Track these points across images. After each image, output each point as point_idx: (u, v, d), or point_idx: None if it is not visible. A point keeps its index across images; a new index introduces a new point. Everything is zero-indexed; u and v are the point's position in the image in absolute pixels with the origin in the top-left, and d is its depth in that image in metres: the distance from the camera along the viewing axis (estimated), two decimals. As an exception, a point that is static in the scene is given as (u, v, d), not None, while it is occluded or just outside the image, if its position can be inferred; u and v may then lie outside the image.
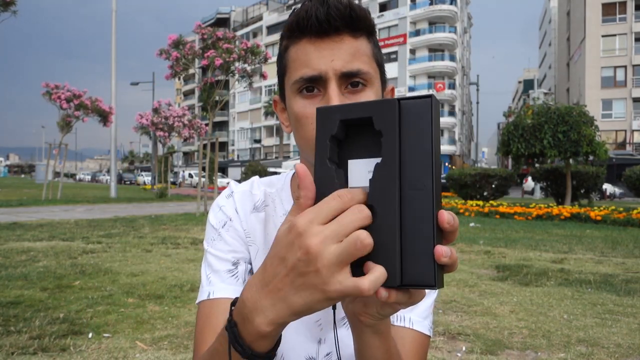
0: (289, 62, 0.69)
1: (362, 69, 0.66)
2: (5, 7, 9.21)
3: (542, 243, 7.40)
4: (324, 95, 0.66)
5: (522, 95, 71.21)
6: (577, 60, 42.60)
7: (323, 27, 0.64)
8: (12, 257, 5.44)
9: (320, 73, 0.65)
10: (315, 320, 0.77)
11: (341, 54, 0.65)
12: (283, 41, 0.71)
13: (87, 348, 2.79)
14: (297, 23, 0.66)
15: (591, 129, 13.87)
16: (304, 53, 0.66)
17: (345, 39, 0.66)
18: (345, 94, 0.67)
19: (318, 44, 0.66)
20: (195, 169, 40.22)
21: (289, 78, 0.69)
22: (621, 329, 3.29)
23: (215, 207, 0.82)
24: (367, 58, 0.68)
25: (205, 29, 11.42)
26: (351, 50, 0.66)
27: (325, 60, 0.65)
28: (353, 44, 0.66)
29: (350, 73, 0.66)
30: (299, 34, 0.67)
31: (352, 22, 0.65)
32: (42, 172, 24.89)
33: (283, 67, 0.71)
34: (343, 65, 0.65)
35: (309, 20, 0.65)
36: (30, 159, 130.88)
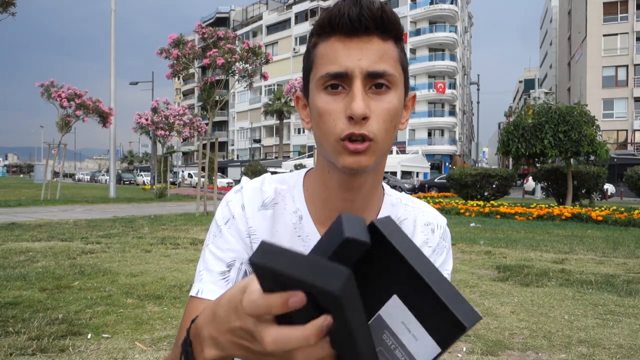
0: (316, 58, 0.70)
1: (388, 70, 0.67)
2: (5, 7, 9.21)
3: (543, 243, 7.39)
4: (348, 92, 0.67)
5: (523, 94, 71.18)
6: (578, 59, 42.58)
7: (354, 26, 0.65)
8: (10, 257, 5.43)
9: (346, 70, 0.66)
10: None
11: (369, 54, 0.66)
12: (312, 38, 0.72)
13: (86, 349, 2.78)
14: (329, 20, 0.67)
15: (592, 128, 13.84)
16: (332, 50, 0.67)
17: (374, 40, 0.67)
18: (369, 94, 0.67)
19: (347, 43, 0.67)
20: (195, 169, 40.21)
21: (314, 74, 0.70)
22: (622, 330, 3.27)
23: (224, 201, 0.83)
24: (393, 61, 0.68)
25: (205, 29, 11.42)
26: (379, 52, 0.67)
27: (352, 59, 0.66)
28: (381, 46, 0.67)
29: (376, 73, 0.66)
30: (330, 31, 0.68)
31: (382, 24, 0.66)
32: (41, 172, 24.89)
33: (310, 63, 0.72)
34: (370, 65, 0.66)
35: (340, 19, 0.66)
36: (29, 158, 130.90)
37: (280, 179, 0.84)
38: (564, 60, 50.09)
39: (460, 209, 12.90)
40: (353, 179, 0.72)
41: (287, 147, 54.46)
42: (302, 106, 0.78)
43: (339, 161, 0.68)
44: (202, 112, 34.30)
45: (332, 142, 0.68)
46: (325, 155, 0.73)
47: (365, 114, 0.65)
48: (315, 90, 0.70)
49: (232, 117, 64.80)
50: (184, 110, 22.11)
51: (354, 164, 0.67)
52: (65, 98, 15.22)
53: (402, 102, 0.71)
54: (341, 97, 0.67)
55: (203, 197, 11.81)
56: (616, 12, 38.62)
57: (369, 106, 0.66)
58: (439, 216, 0.87)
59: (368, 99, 0.67)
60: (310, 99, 0.72)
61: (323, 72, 0.68)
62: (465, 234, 8.38)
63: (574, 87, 43.93)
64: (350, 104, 0.65)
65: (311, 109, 0.73)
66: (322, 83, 0.68)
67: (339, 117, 0.67)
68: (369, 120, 0.66)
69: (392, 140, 0.71)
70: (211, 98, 11.98)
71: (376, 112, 0.67)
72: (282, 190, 0.82)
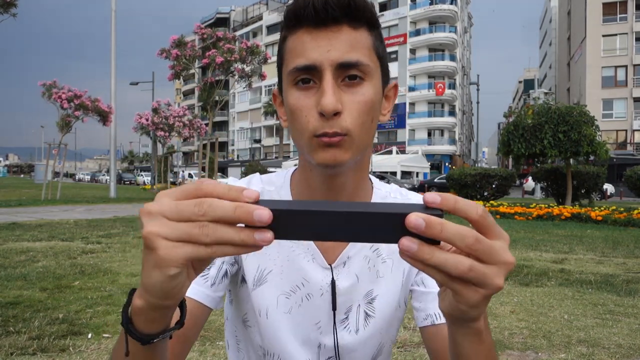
0: (285, 52, 0.67)
1: (361, 60, 0.63)
2: (6, 8, 9.22)
3: (543, 243, 7.39)
4: (319, 87, 0.63)
5: (523, 95, 71.20)
6: (577, 59, 42.59)
7: (320, 16, 0.62)
8: (11, 257, 5.43)
9: (314, 63, 0.62)
10: (315, 323, 0.76)
11: (338, 44, 0.62)
12: (282, 32, 0.69)
13: (86, 348, 2.79)
14: (295, 12, 0.64)
15: (592, 128, 13.84)
16: (300, 43, 0.64)
17: (343, 29, 0.63)
18: (342, 86, 0.64)
19: (315, 34, 0.63)
20: (195, 169, 40.20)
21: (285, 69, 0.67)
22: (622, 330, 3.28)
23: None
24: (366, 50, 0.64)
25: (205, 30, 11.45)
26: (349, 41, 0.63)
27: (321, 50, 0.62)
28: (352, 35, 0.63)
29: (348, 64, 0.62)
30: (297, 23, 0.64)
31: (351, 11, 0.62)
32: (42, 172, 24.88)
33: (281, 58, 0.69)
34: (340, 55, 0.62)
35: (306, 9, 0.62)
36: (29, 158, 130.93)
37: (267, 179, 0.83)
38: (564, 61, 50.10)
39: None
40: (334, 178, 0.70)
41: (287, 147, 54.47)
42: (279, 104, 0.75)
43: (314, 158, 0.65)
44: (202, 112, 34.31)
45: (306, 139, 0.65)
46: (302, 153, 0.71)
47: (336, 109, 0.61)
48: (287, 86, 0.66)
49: (232, 117, 64.80)
50: (184, 112, 22.11)
51: (329, 159, 0.64)
52: (66, 99, 15.23)
53: (379, 93, 0.67)
54: (312, 92, 0.64)
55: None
56: (615, 13, 38.63)
57: (341, 100, 0.62)
58: None
59: (340, 92, 0.63)
60: (284, 95, 0.69)
61: (291, 66, 0.64)
62: (465, 234, 8.38)
63: (574, 88, 43.95)
64: (320, 98, 0.62)
65: (285, 106, 0.69)
66: (293, 78, 0.65)
67: (310, 113, 0.63)
68: (342, 115, 0.62)
69: (371, 134, 0.68)
70: (211, 98, 12.01)
71: (349, 105, 0.63)
72: (269, 192, 0.79)
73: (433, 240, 0.39)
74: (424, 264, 0.40)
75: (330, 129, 0.62)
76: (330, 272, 0.75)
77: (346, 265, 0.76)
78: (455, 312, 0.46)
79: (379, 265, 0.78)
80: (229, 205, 0.39)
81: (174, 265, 0.40)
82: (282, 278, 0.76)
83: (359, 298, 0.76)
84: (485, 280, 0.40)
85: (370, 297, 0.77)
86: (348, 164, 0.65)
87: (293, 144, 11.63)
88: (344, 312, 0.76)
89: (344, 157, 0.64)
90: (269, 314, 0.75)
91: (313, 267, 0.75)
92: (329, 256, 0.76)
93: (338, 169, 0.66)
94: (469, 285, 0.41)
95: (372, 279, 0.77)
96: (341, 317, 0.76)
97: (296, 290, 0.75)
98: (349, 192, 0.72)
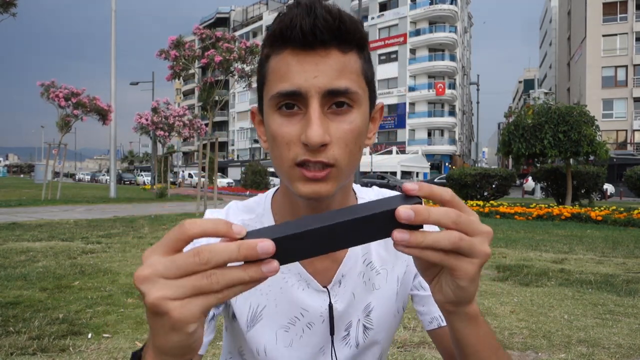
0: (268, 73, 0.62)
1: (350, 87, 0.59)
2: (6, 7, 9.22)
3: (543, 243, 7.39)
4: (305, 114, 0.59)
5: (523, 95, 71.20)
6: (577, 59, 42.59)
7: (308, 39, 0.57)
8: (11, 257, 5.43)
9: (299, 89, 0.58)
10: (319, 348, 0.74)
11: (326, 69, 0.58)
12: (264, 49, 0.63)
13: (86, 348, 2.79)
14: (281, 32, 0.59)
15: (592, 128, 13.84)
16: (285, 65, 0.59)
17: (332, 53, 0.59)
18: (329, 114, 0.59)
19: (301, 57, 0.58)
20: (195, 169, 40.19)
21: (267, 91, 0.62)
22: (622, 330, 3.28)
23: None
24: (355, 76, 0.61)
25: (204, 30, 11.45)
26: (338, 66, 0.59)
27: (307, 76, 0.58)
28: (341, 60, 0.59)
29: (337, 91, 0.58)
30: (282, 43, 0.60)
31: (340, 35, 0.58)
32: (42, 172, 24.88)
33: (262, 77, 0.64)
34: (327, 82, 0.58)
35: (292, 31, 0.57)
36: (29, 158, 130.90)
37: (246, 207, 0.78)
38: (564, 61, 50.10)
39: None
40: (319, 203, 0.65)
41: (287, 147, 54.42)
42: (259, 122, 0.70)
43: (295, 189, 0.61)
44: (202, 112, 34.30)
45: (287, 167, 0.61)
46: (283, 180, 0.66)
47: (323, 141, 0.57)
48: (269, 110, 0.62)
49: (232, 117, 64.80)
50: (184, 111, 22.10)
51: (312, 193, 0.60)
52: (63, 98, 15.23)
53: (367, 119, 0.64)
54: (297, 119, 0.59)
55: (203, 197, 11.81)
56: (615, 13, 38.62)
57: (328, 130, 0.58)
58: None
59: (327, 121, 0.59)
60: (265, 118, 0.64)
61: (274, 90, 0.60)
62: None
63: (574, 88, 43.94)
64: (305, 128, 0.57)
65: (266, 129, 0.65)
66: (275, 103, 0.60)
67: (293, 141, 0.59)
68: (329, 146, 0.58)
69: (357, 162, 0.64)
70: (211, 98, 12.00)
71: (337, 135, 0.59)
72: (250, 221, 0.75)
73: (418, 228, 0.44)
74: (420, 247, 0.43)
75: (315, 158, 0.58)
76: (327, 295, 0.73)
77: (342, 285, 0.74)
78: (452, 296, 0.49)
79: (374, 277, 0.76)
80: (232, 246, 0.38)
81: (191, 322, 0.39)
82: (277, 312, 0.72)
83: (358, 313, 0.75)
84: (475, 248, 0.45)
85: (368, 310, 0.75)
86: (333, 194, 0.62)
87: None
88: (344, 329, 0.75)
89: (329, 190, 0.61)
90: (268, 351, 0.72)
91: (309, 294, 0.72)
92: (323, 278, 0.73)
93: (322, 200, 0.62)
94: (463, 258, 0.45)
95: (369, 292, 0.75)
96: (342, 335, 0.74)
97: (295, 321, 0.72)
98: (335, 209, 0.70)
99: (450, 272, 0.47)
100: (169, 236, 0.40)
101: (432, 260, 0.45)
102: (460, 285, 0.47)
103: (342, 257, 0.73)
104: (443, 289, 0.50)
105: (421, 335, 3.10)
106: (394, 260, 0.78)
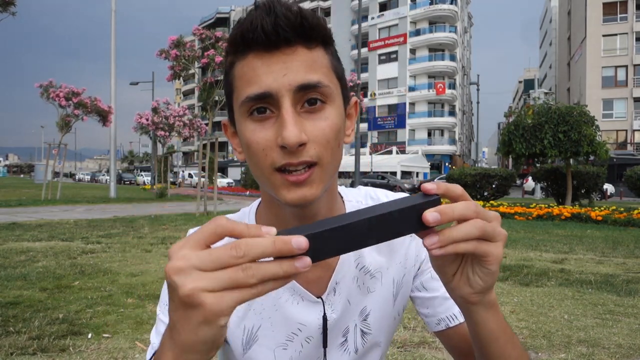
0: (235, 80, 0.60)
1: (322, 81, 0.57)
2: (5, 7, 9.22)
3: (543, 243, 7.39)
4: (278, 116, 0.57)
5: (523, 95, 71.19)
6: (577, 59, 42.59)
7: (271, 39, 0.55)
8: (11, 257, 5.44)
9: (270, 90, 0.56)
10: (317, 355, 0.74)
11: (294, 66, 0.56)
12: (228, 57, 0.61)
13: (86, 348, 2.79)
14: (242, 36, 0.57)
15: (592, 128, 13.84)
16: (251, 69, 0.57)
17: (298, 50, 0.57)
18: (302, 113, 0.57)
19: (267, 59, 0.56)
20: (195, 169, 40.20)
21: (236, 99, 0.60)
22: (622, 330, 3.28)
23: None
24: (325, 69, 0.59)
25: (203, 31, 11.46)
26: (306, 62, 0.57)
27: (275, 75, 0.56)
28: (308, 55, 0.57)
29: (308, 85, 0.56)
30: (245, 48, 0.57)
31: (304, 31, 0.56)
32: (42, 172, 24.89)
33: (229, 86, 0.62)
34: (297, 78, 0.56)
35: (254, 33, 0.55)
36: (29, 159, 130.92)
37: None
38: (564, 61, 50.11)
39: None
40: (305, 210, 0.64)
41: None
42: (232, 134, 0.67)
43: (279, 196, 0.59)
44: (202, 112, 34.31)
45: (267, 175, 0.59)
46: (264, 188, 0.64)
47: (300, 140, 0.55)
48: (240, 118, 0.60)
49: (232, 117, 64.79)
50: (184, 111, 22.11)
51: (299, 199, 0.58)
52: (64, 97, 15.24)
53: (342, 115, 0.62)
54: (270, 123, 0.57)
55: (203, 197, 11.82)
56: (616, 13, 38.63)
57: (304, 129, 0.56)
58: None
59: (301, 120, 0.57)
60: (237, 127, 0.62)
61: (244, 95, 0.57)
62: (465, 234, 8.38)
63: (574, 87, 43.95)
64: (280, 130, 0.55)
65: (240, 139, 0.62)
66: (246, 109, 0.58)
67: (270, 146, 0.57)
68: (307, 145, 0.56)
69: (339, 159, 0.62)
70: (211, 98, 12.01)
71: (314, 133, 0.57)
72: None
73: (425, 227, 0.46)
74: (455, 242, 0.46)
75: (296, 159, 0.56)
76: (321, 306, 0.72)
77: (337, 292, 0.72)
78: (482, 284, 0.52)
79: (368, 281, 0.75)
80: (267, 241, 0.39)
81: (224, 315, 0.39)
82: (274, 330, 0.70)
83: (354, 318, 0.74)
84: (497, 232, 0.49)
85: (365, 314, 0.74)
86: (319, 196, 0.60)
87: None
88: (342, 335, 0.74)
89: (315, 193, 0.59)
90: None
91: (304, 308, 0.71)
92: (317, 287, 0.72)
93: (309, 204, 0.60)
94: (489, 243, 0.49)
95: (364, 295, 0.74)
96: (340, 342, 0.74)
97: (293, 338, 0.71)
98: (322, 215, 0.67)
99: (481, 260, 0.50)
100: (203, 231, 0.41)
101: (466, 251, 0.48)
102: (491, 270, 0.51)
103: (335, 264, 0.72)
104: (470, 279, 0.52)
105: (421, 335, 3.10)
106: (388, 263, 0.76)
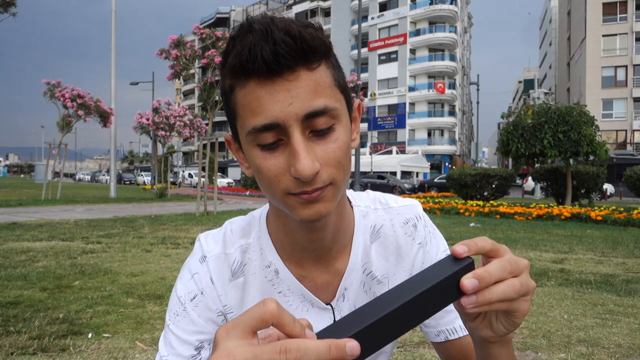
0: (237, 107, 0.58)
1: (328, 105, 0.56)
2: (6, 7, 9.23)
3: (543, 243, 7.40)
4: (287, 143, 0.56)
5: (523, 95, 71.17)
6: (577, 60, 42.60)
7: (272, 68, 0.53)
8: (11, 257, 5.44)
9: (277, 121, 0.54)
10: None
11: (299, 93, 0.54)
12: (226, 79, 0.59)
13: (86, 348, 2.79)
14: (241, 65, 0.55)
15: (592, 128, 13.85)
16: (254, 98, 0.55)
17: (300, 74, 0.55)
18: (312, 138, 0.57)
19: (269, 86, 0.54)
20: (195, 169, 40.23)
21: (241, 125, 0.59)
22: (622, 329, 3.28)
23: (187, 273, 0.71)
24: (329, 90, 0.57)
25: (203, 30, 11.46)
26: (310, 86, 0.55)
27: (281, 105, 0.54)
28: (311, 78, 0.55)
29: (315, 112, 0.55)
30: (245, 75, 0.55)
31: (305, 55, 0.54)
32: (42, 172, 24.91)
33: (232, 110, 0.60)
34: (304, 107, 0.55)
35: (254, 63, 0.53)
36: (29, 158, 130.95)
37: (242, 230, 0.74)
38: (564, 61, 50.11)
39: (459, 209, 12.91)
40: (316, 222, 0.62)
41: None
42: (236, 149, 0.66)
43: (294, 215, 0.59)
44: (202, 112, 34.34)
45: (279, 197, 0.58)
46: (273, 204, 0.64)
47: (314, 171, 0.54)
48: (248, 145, 0.58)
49: (232, 117, 64.80)
50: (184, 111, 22.12)
51: (314, 215, 0.58)
52: (69, 98, 15.27)
53: (349, 127, 0.61)
54: (280, 150, 0.57)
55: (203, 197, 11.82)
56: (615, 13, 38.64)
57: (315, 155, 0.56)
58: (412, 206, 0.79)
59: (312, 145, 0.56)
60: (244, 149, 0.61)
61: (250, 126, 0.56)
62: (464, 234, 8.38)
63: (574, 88, 43.95)
64: (293, 161, 0.55)
65: (247, 159, 0.61)
66: (253, 139, 0.57)
67: (282, 174, 0.57)
68: (320, 171, 0.56)
69: (349, 170, 0.61)
70: (211, 98, 12.01)
71: (325, 157, 0.56)
72: (247, 247, 0.72)
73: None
74: (490, 303, 0.46)
75: (310, 187, 0.56)
76: (331, 313, 0.72)
77: (345, 298, 0.73)
78: (504, 331, 0.53)
79: (375, 287, 0.75)
80: (322, 346, 0.36)
81: None
82: None
83: None
84: (529, 287, 0.49)
85: None
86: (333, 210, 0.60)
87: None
88: None
89: (329, 207, 0.59)
90: None
91: (314, 315, 0.71)
92: (326, 293, 0.72)
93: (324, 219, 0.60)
94: (521, 299, 0.49)
95: (370, 299, 0.74)
96: None
97: None
98: (332, 227, 0.68)
99: (509, 314, 0.51)
100: (252, 317, 0.38)
101: (500, 309, 0.48)
102: (516, 322, 0.51)
103: (344, 269, 0.73)
104: (493, 326, 0.53)
105: (421, 335, 3.10)
106: (395, 268, 0.77)
